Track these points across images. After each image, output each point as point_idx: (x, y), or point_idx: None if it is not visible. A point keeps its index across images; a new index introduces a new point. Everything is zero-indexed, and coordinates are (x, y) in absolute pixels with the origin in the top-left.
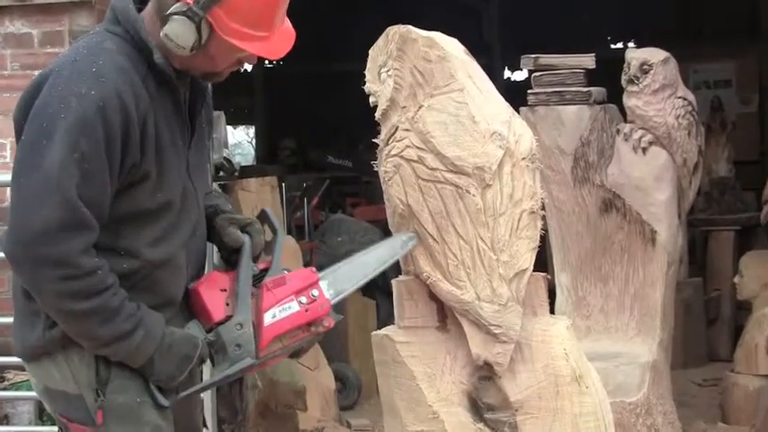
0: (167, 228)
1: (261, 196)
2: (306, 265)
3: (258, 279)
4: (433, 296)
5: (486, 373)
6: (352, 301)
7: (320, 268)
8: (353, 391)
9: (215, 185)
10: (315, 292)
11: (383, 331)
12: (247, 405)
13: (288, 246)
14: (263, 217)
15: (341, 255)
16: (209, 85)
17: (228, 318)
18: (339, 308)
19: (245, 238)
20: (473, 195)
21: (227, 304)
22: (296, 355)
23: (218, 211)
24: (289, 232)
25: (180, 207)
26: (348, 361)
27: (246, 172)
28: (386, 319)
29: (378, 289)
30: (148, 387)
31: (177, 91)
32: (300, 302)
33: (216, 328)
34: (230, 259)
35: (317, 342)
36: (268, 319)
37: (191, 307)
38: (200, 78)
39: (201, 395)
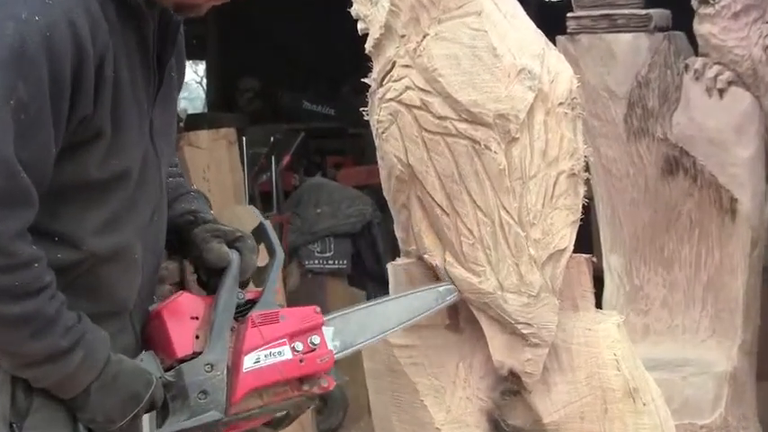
0: (120, 208)
1: (214, 154)
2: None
3: (243, 311)
4: None
5: (511, 386)
6: (334, 291)
7: (294, 249)
8: (337, 410)
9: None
10: (315, 338)
11: None
12: None
13: (251, 221)
14: (259, 232)
15: (320, 231)
16: (181, 24)
17: (196, 355)
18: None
19: (234, 255)
20: (494, 153)
21: (197, 337)
22: (277, 425)
23: (198, 220)
24: (251, 201)
25: (138, 180)
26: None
27: (194, 122)
28: None
29: (368, 275)
30: (76, 428)
31: (145, 25)
32: (295, 349)
33: (178, 366)
34: (209, 283)
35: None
36: (248, 363)
37: (148, 334)
38: (172, 11)
39: None
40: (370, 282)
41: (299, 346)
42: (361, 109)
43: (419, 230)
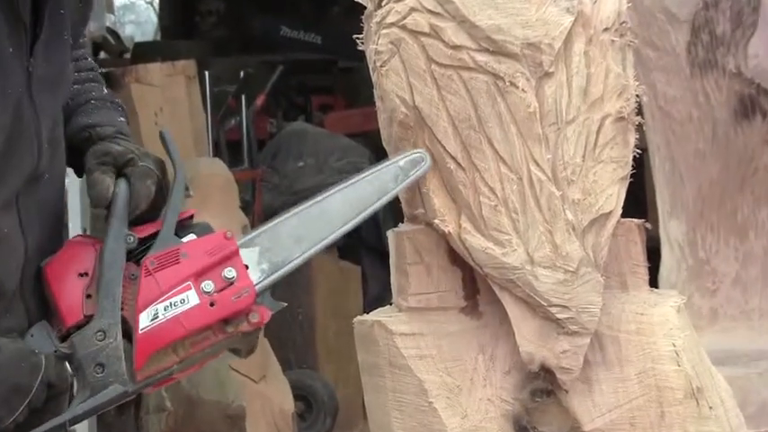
0: None
1: (169, 93)
2: (245, 208)
3: (140, 254)
4: (457, 258)
5: (543, 384)
6: (321, 266)
7: (270, 213)
8: (324, 414)
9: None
10: (230, 271)
11: (373, 316)
12: None
13: (215, 178)
14: (163, 144)
15: (303, 190)
16: None
17: (89, 319)
18: (289, 287)
19: (121, 186)
20: (522, 91)
21: (88, 297)
22: (235, 352)
23: (93, 137)
24: (217, 153)
25: (5, 144)
26: (316, 366)
27: (144, 52)
28: (378, 295)
29: (364, 247)
30: None
31: None
32: (203, 291)
33: (71, 337)
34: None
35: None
36: (144, 321)
37: (45, 299)
38: None
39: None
40: (367, 254)
41: (209, 285)
42: (355, 37)
43: (428, 189)
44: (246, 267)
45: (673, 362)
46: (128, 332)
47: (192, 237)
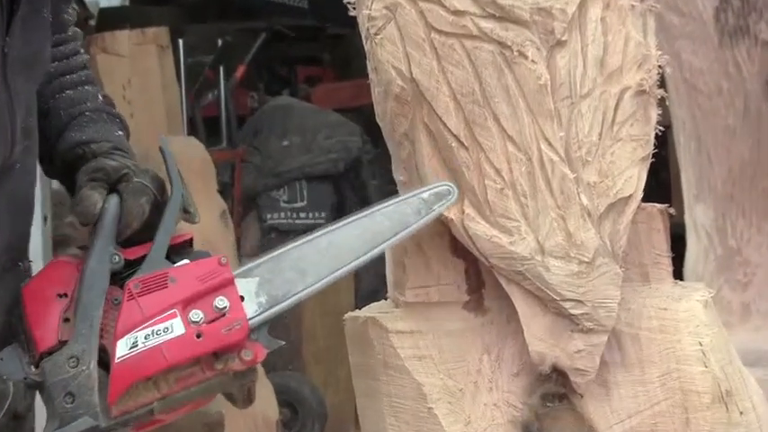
0: None
1: (138, 64)
2: (223, 192)
3: (126, 277)
4: (460, 248)
5: (555, 388)
6: None
7: (251, 197)
8: (311, 421)
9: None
10: (221, 300)
11: (367, 312)
12: None
13: (190, 158)
14: (162, 156)
15: (289, 172)
16: None
17: (63, 344)
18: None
19: (111, 202)
20: (532, 62)
21: (66, 320)
22: (230, 399)
23: (87, 155)
24: (192, 131)
25: None
26: (302, 369)
27: (111, 19)
28: (371, 289)
29: None
30: None
31: None
32: (190, 320)
33: (42, 363)
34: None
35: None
36: (122, 350)
37: (20, 320)
38: None
39: None
40: None
41: (197, 315)
42: (346, 1)
43: (426, 171)
44: (242, 299)
45: (699, 363)
46: (105, 361)
47: (185, 262)
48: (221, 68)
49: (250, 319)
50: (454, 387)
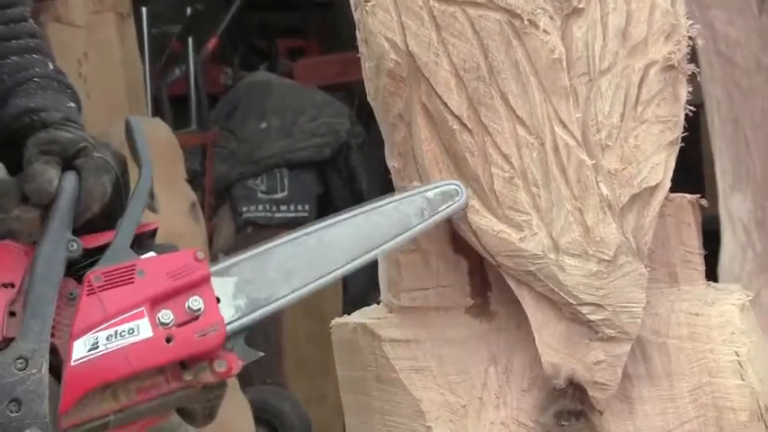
0: None
1: (96, 35)
2: (193, 181)
3: (84, 268)
4: (463, 245)
5: (572, 404)
6: None
7: (224, 187)
8: None
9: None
10: (196, 301)
11: (356, 318)
12: None
13: (155, 142)
14: (127, 134)
15: (267, 159)
16: None
17: (8, 342)
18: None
19: (68, 180)
20: (545, 33)
21: (12, 314)
22: (187, 417)
23: (36, 124)
24: (157, 112)
25: None
26: (283, 382)
27: None
28: (361, 291)
29: None
30: None
31: None
32: (159, 322)
33: None
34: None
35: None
36: (80, 351)
37: None
38: None
39: None
40: None
41: (167, 316)
42: None
43: (424, 157)
44: (218, 300)
45: (735, 375)
46: (57, 364)
47: (152, 254)
48: (190, 40)
49: (227, 324)
50: (456, 403)
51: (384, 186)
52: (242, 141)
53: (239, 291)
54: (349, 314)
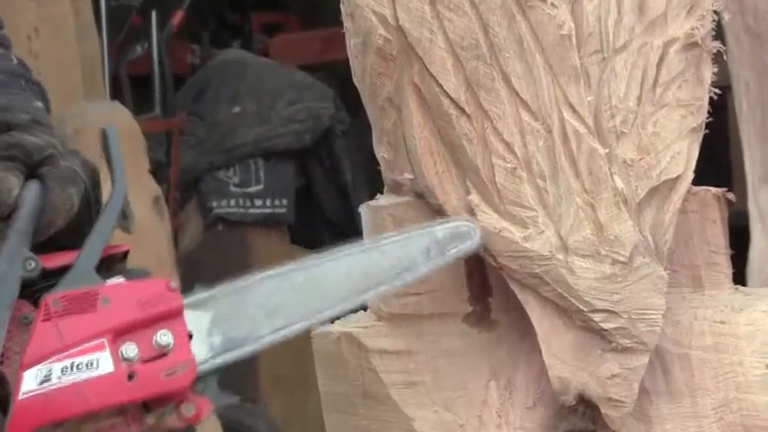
0: None
1: (47, 8)
2: (156, 172)
3: (41, 291)
4: None
5: (582, 424)
6: (265, 253)
7: (192, 179)
8: None
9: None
10: (165, 335)
11: (341, 326)
12: None
13: (118, 127)
14: (102, 144)
15: (241, 147)
16: None
17: None
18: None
19: (31, 189)
20: (552, 6)
21: None
22: None
23: (3, 124)
24: (116, 95)
25: None
26: (257, 398)
27: None
28: None
29: (326, 225)
30: None
31: None
32: (122, 356)
33: None
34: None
35: None
36: (30, 384)
37: None
38: None
39: None
40: (330, 237)
41: (131, 350)
42: None
43: (417, 146)
44: (190, 336)
45: (765, 391)
46: (4, 395)
47: (120, 280)
48: (153, 14)
49: (199, 363)
50: (453, 422)
51: (371, 179)
52: (212, 128)
53: (215, 327)
54: (332, 322)
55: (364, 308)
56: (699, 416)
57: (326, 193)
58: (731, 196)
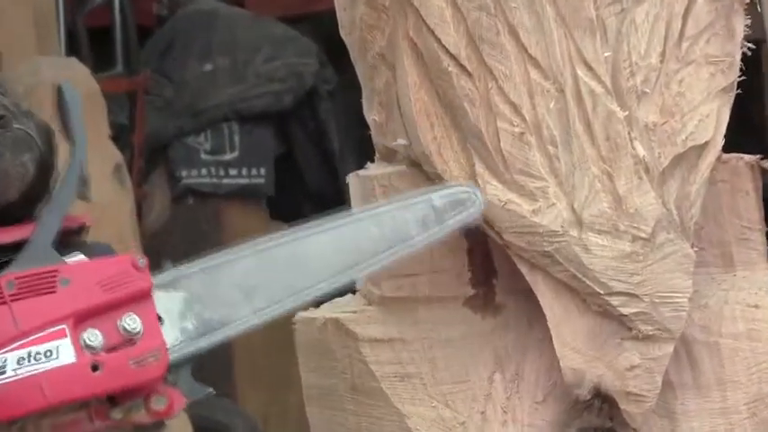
0: None
1: None
2: (118, 138)
3: None
4: None
5: (598, 420)
6: (241, 228)
7: (160, 146)
8: None
9: None
10: (132, 320)
11: (326, 311)
12: None
13: (79, 84)
14: (58, 103)
15: (212, 109)
16: None
17: None
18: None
19: None
20: None
21: None
22: None
23: None
24: (73, 50)
25: None
26: (233, 394)
27: None
28: None
29: (309, 197)
30: None
31: None
32: (85, 344)
33: None
34: None
35: None
36: None
37: None
38: None
39: None
40: (314, 210)
41: (95, 337)
42: None
43: (412, 108)
44: (160, 321)
45: None
46: None
47: (80, 257)
48: None
49: (171, 351)
50: (453, 419)
51: (361, 145)
52: (180, 88)
53: (187, 309)
54: (316, 307)
55: (353, 291)
56: (729, 412)
57: (310, 162)
58: (766, 164)
